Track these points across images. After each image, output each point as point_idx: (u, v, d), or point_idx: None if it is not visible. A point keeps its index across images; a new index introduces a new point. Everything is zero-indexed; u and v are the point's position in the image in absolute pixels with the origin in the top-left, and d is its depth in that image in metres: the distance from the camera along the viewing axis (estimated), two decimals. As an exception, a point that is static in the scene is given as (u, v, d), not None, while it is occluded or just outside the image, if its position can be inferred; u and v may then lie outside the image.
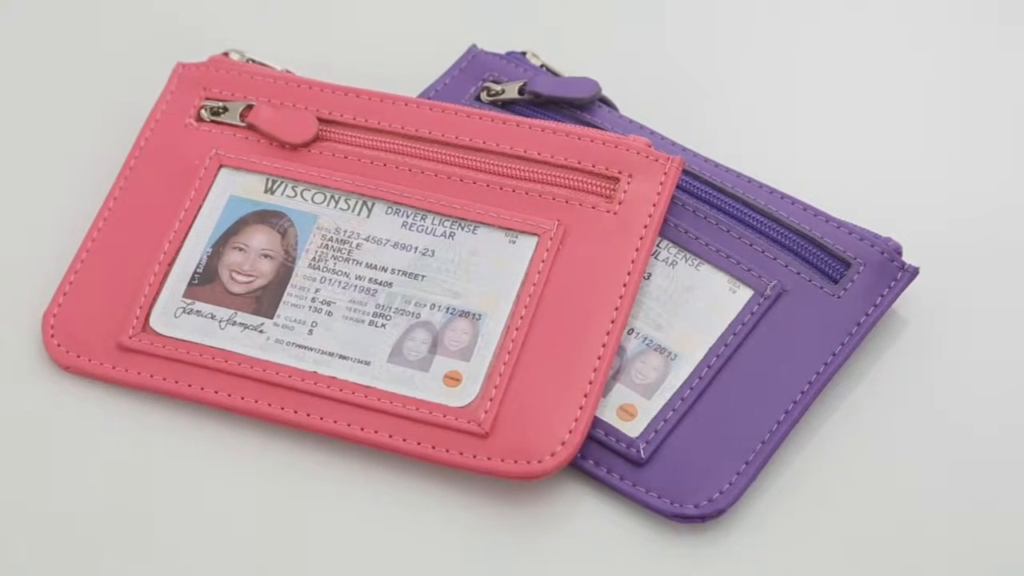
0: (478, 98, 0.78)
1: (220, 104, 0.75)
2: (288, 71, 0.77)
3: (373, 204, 0.72)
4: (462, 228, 0.71)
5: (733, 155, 0.76)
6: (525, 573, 0.66)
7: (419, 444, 0.67)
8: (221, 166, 0.74)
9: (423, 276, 0.70)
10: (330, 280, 0.71)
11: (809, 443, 0.69)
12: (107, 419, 0.69)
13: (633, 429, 0.68)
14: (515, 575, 0.66)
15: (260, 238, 0.72)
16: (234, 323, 0.70)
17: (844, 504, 0.67)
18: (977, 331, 0.73)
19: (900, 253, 0.72)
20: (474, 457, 0.66)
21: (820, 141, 0.81)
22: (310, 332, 0.70)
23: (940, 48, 0.85)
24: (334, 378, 0.68)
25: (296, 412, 0.68)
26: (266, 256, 0.72)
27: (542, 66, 0.79)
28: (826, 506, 0.67)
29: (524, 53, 0.79)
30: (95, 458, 0.68)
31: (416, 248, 0.71)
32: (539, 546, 0.66)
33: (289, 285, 0.71)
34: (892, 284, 0.71)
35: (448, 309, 0.69)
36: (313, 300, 0.70)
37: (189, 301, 0.71)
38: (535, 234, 0.70)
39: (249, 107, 0.75)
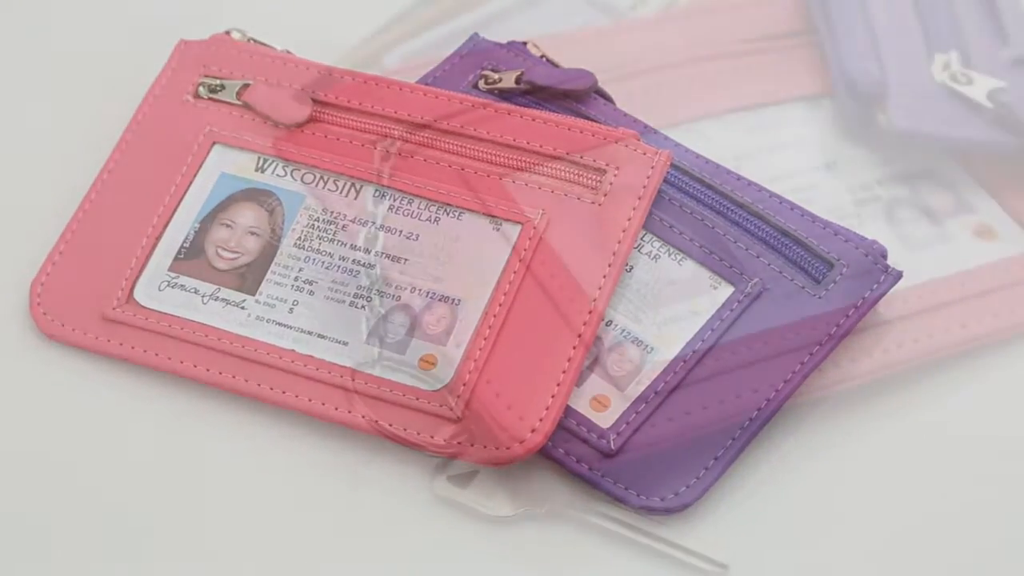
0: (476, 86, 0.78)
1: (218, 82, 0.76)
2: (288, 52, 0.77)
3: (361, 186, 0.73)
4: (447, 213, 0.71)
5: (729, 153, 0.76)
6: (491, 559, 0.66)
7: (391, 425, 0.67)
8: (214, 143, 0.74)
9: (406, 259, 0.71)
10: (314, 260, 0.71)
11: (783, 444, 0.69)
12: (89, 389, 0.70)
13: (605, 420, 0.68)
14: (480, 560, 0.66)
15: (248, 215, 0.72)
16: (216, 298, 0.71)
17: (811, 506, 0.67)
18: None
19: (885, 256, 0.71)
20: (444, 441, 0.66)
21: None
22: (291, 311, 0.70)
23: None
24: (311, 357, 0.69)
25: (272, 389, 0.68)
26: (252, 234, 0.72)
27: (542, 57, 0.79)
28: (793, 507, 0.67)
29: (525, 43, 0.79)
30: (75, 426, 0.69)
31: (401, 231, 0.71)
32: (506, 533, 0.66)
33: (273, 263, 0.71)
34: (875, 287, 0.70)
35: (428, 293, 0.70)
36: (296, 279, 0.71)
37: (174, 275, 0.71)
38: (519, 222, 0.70)
39: (246, 86, 0.75)
